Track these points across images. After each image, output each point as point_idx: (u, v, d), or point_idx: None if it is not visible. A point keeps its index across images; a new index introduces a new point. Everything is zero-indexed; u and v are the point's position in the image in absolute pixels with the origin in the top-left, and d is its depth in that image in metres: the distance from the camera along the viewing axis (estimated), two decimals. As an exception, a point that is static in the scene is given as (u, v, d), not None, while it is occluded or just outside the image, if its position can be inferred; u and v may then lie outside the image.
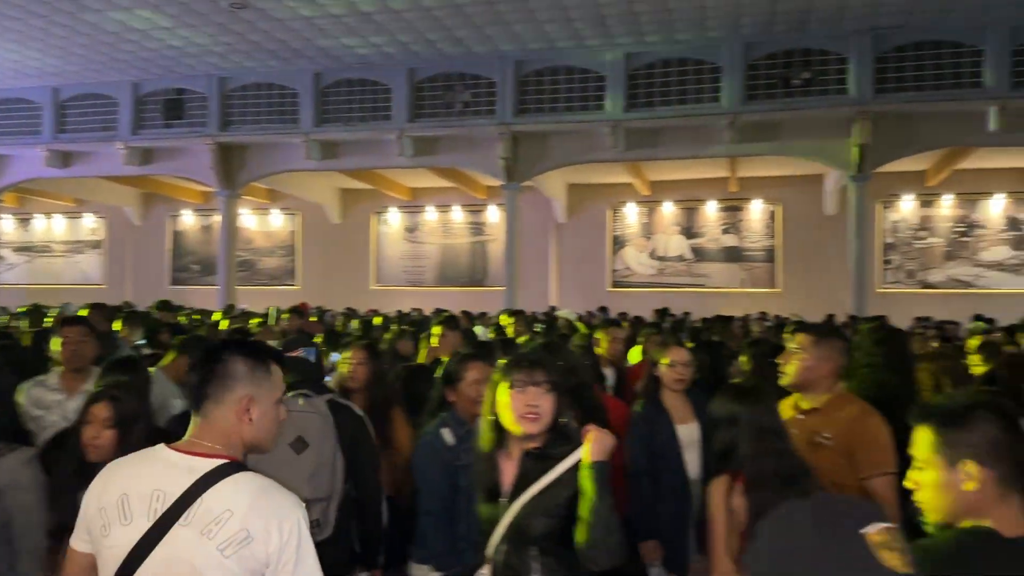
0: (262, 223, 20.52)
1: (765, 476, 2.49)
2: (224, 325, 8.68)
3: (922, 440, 1.68)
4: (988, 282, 16.16)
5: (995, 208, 16.21)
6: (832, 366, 2.98)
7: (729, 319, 10.34)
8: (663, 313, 13.11)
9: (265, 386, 1.83)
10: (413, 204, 19.45)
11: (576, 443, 2.27)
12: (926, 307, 14.79)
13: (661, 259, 18.10)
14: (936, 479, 1.64)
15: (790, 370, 3.00)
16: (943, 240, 16.53)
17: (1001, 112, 11.69)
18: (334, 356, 5.99)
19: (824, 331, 3.12)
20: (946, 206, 16.50)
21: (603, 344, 5.36)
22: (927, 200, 16.59)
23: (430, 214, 19.46)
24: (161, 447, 1.79)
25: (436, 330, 5.24)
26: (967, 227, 16.40)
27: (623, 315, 13.22)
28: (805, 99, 12.60)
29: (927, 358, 4.69)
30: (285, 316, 8.92)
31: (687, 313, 14.19)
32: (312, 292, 18.71)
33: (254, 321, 9.01)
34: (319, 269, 19.84)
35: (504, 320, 8.04)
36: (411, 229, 19.66)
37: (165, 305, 9.91)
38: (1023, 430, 1.63)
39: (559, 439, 2.33)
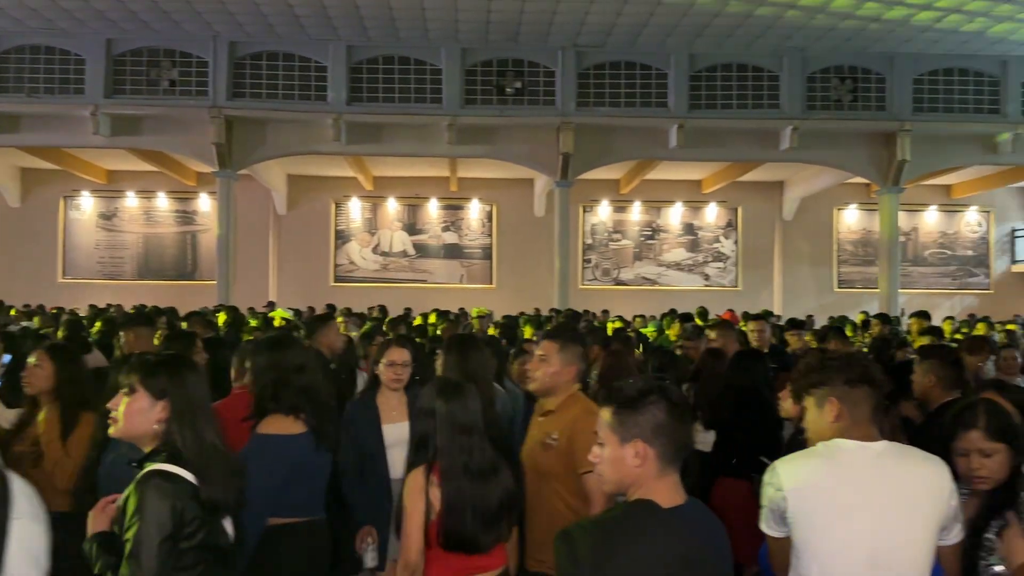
0: (-86, 203, 17.37)
1: (456, 469, 2.62)
2: None
3: (603, 419, 1.90)
4: (669, 280, 18.43)
5: (674, 215, 18.52)
6: (574, 370, 3.09)
7: (446, 314, 10.68)
8: (383, 310, 13.16)
9: None
10: (110, 188, 17.64)
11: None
12: (619, 302, 16.49)
13: (384, 255, 18.22)
14: (611, 454, 1.87)
15: (537, 376, 3.11)
16: (633, 242, 18.54)
17: (680, 130, 13.38)
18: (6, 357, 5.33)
19: (567, 337, 3.17)
20: (636, 212, 18.50)
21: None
22: (620, 206, 18.49)
23: (130, 200, 17.76)
24: None
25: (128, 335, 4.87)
26: (652, 231, 18.57)
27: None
28: (517, 107, 13.44)
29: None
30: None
31: (408, 309, 14.41)
32: (-19, 285, 16.27)
33: None
34: (-9, 259, 17.25)
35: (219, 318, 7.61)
36: (107, 216, 17.78)
37: None
38: (686, 416, 1.91)
39: (166, 451, 2.09)
